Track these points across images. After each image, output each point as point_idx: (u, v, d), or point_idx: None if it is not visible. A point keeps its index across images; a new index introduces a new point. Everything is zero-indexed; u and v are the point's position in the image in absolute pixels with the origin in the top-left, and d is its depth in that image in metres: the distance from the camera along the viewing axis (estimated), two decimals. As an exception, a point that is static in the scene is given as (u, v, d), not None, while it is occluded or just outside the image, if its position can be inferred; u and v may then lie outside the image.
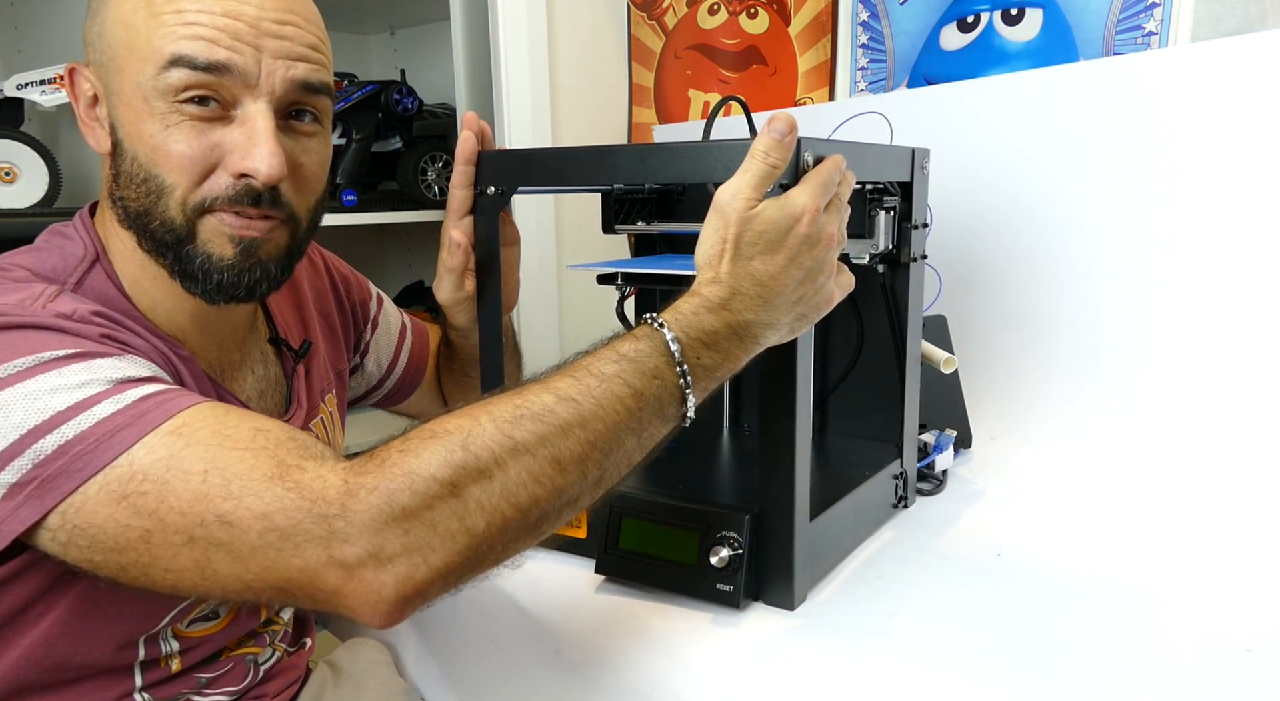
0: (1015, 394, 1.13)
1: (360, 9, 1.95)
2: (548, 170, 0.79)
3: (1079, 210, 1.09)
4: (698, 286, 0.64)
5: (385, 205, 1.70)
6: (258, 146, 0.66)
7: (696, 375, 0.61)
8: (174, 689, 0.75)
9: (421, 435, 0.55)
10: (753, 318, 0.63)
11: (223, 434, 0.56)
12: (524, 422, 0.55)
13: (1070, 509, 0.94)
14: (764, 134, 0.64)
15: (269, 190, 0.68)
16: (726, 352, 0.62)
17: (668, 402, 0.60)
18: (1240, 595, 0.74)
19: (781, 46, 1.46)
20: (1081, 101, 1.07)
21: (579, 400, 0.57)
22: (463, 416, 0.56)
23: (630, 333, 0.61)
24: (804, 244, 0.64)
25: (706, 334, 0.62)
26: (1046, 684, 0.62)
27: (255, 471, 0.54)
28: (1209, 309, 0.99)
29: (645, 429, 0.60)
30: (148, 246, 0.70)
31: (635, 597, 0.76)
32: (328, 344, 0.94)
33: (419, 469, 0.53)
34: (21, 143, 1.29)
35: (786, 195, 0.64)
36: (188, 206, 0.67)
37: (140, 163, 0.67)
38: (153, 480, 0.54)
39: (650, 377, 0.59)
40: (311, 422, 0.87)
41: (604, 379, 0.58)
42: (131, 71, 0.66)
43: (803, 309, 0.66)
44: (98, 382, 0.57)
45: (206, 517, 0.53)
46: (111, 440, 0.55)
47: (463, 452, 0.53)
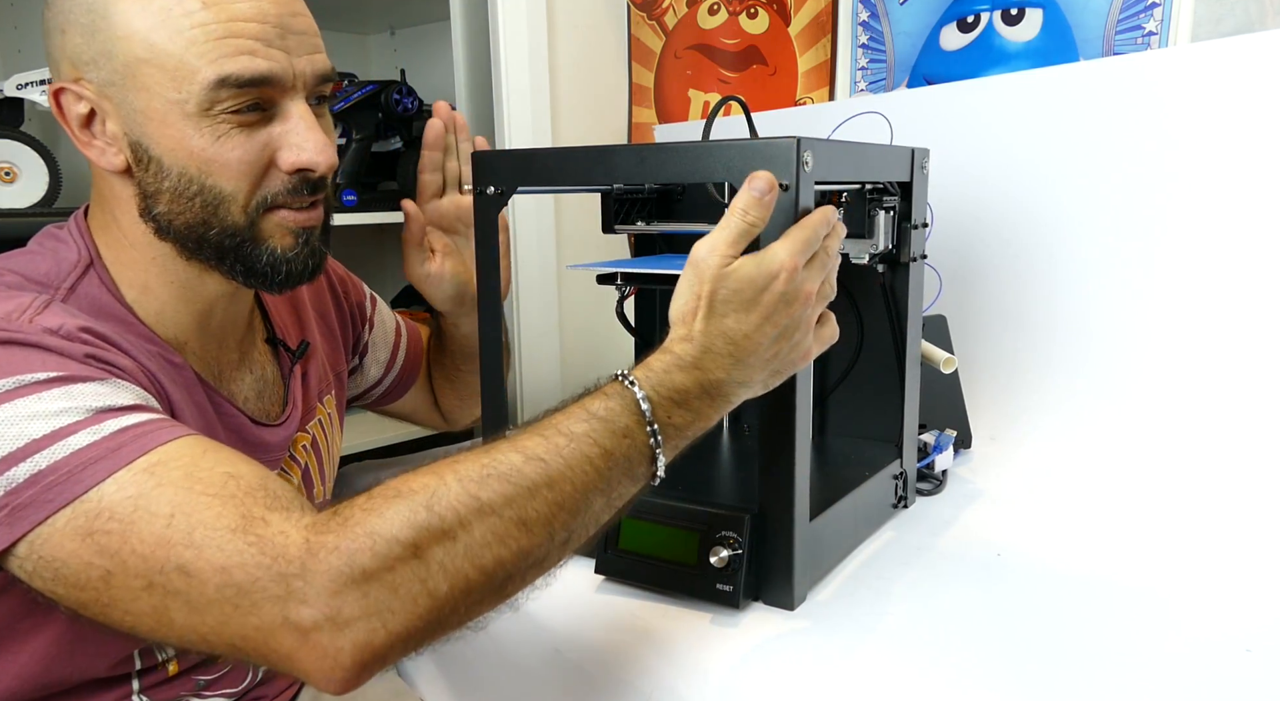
0: (1015, 394, 1.13)
1: (360, 9, 1.94)
2: (548, 170, 0.79)
3: (1079, 210, 1.08)
4: (670, 343, 0.63)
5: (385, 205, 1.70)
6: (310, 141, 0.69)
7: (667, 434, 0.60)
8: (172, 691, 0.75)
9: (386, 494, 0.54)
10: (724, 377, 0.62)
11: (195, 476, 0.55)
12: (490, 482, 0.54)
13: (1070, 509, 0.94)
14: (744, 192, 0.63)
15: (320, 178, 0.71)
16: (697, 411, 0.62)
17: (637, 462, 0.59)
18: (1240, 595, 0.74)
19: (781, 46, 1.46)
20: (1081, 101, 1.07)
21: (547, 460, 0.56)
22: (429, 475, 0.55)
23: (600, 390, 0.60)
24: (780, 302, 0.62)
25: (677, 392, 0.61)
26: (1046, 684, 0.62)
27: (220, 520, 0.53)
28: (1209, 309, 0.99)
29: (614, 489, 0.59)
30: (204, 254, 0.70)
31: (635, 597, 0.76)
32: (326, 345, 0.94)
33: (381, 529, 0.52)
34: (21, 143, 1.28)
35: (765, 252, 0.63)
36: (250, 209, 0.69)
37: (190, 176, 0.67)
38: (119, 519, 0.53)
39: (620, 437, 0.58)
40: (309, 424, 0.87)
41: (573, 438, 0.57)
42: (161, 89, 0.65)
43: (777, 365, 0.65)
44: (76, 410, 0.57)
45: (167, 564, 0.52)
46: (84, 472, 0.54)
47: (426, 513, 0.52)
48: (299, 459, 0.86)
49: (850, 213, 0.86)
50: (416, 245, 0.97)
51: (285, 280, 0.72)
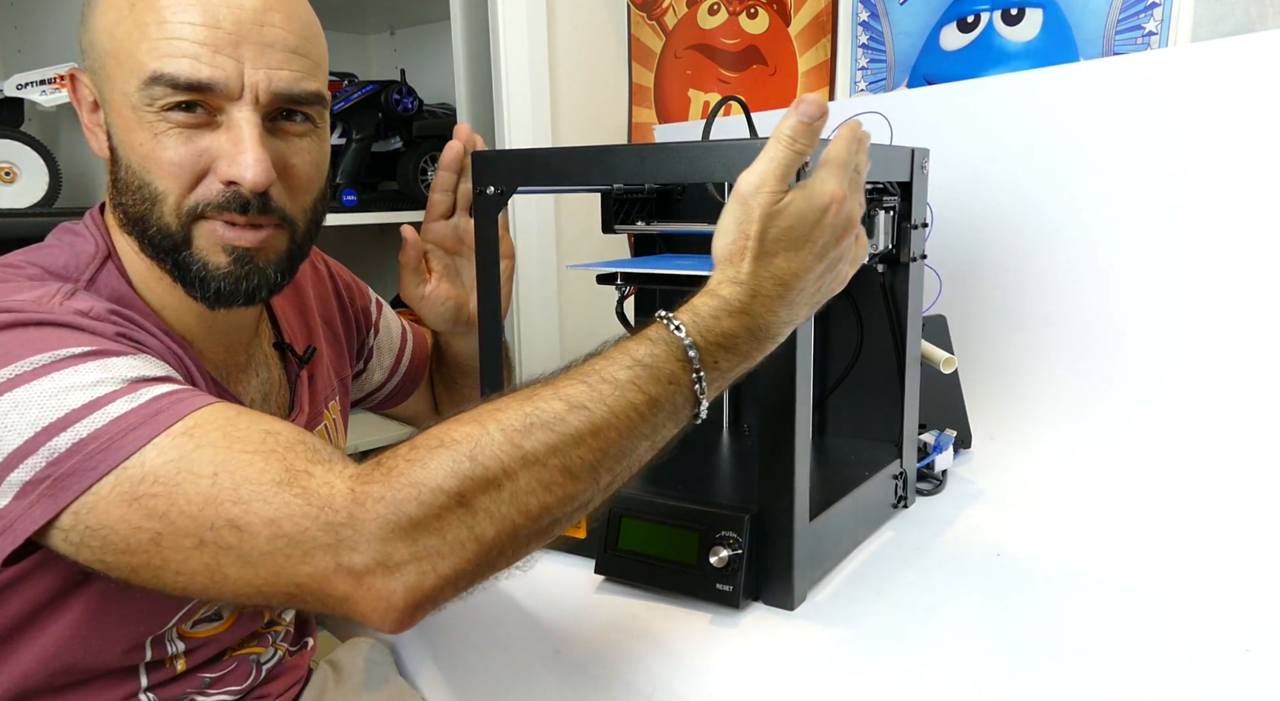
0: (1015, 394, 1.13)
1: (360, 9, 1.95)
2: (548, 170, 0.79)
3: (1079, 210, 1.09)
4: (716, 285, 0.61)
5: (385, 205, 1.70)
6: (243, 154, 0.66)
7: (713, 378, 0.59)
8: (179, 689, 0.76)
9: (429, 443, 0.54)
10: (773, 319, 0.61)
11: (233, 436, 0.55)
12: (534, 432, 0.54)
13: (1070, 509, 0.94)
14: (791, 116, 0.61)
15: (257, 197, 0.68)
16: (744, 354, 0.61)
17: (682, 405, 0.59)
18: (1240, 595, 0.74)
19: (781, 46, 1.46)
20: (1081, 101, 1.07)
21: (591, 408, 0.55)
22: (471, 423, 0.55)
23: (644, 334, 0.59)
24: (830, 235, 0.62)
25: (725, 337, 0.60)
26: (1046, 684, 0.62)
27: (264, 475, 0.53)
28: (1209, 308, 0.99)
29: (658, 432, 0.59)
30: (148, 251, 0.70)
31: (635, 597, 0.76)
32: (331, 350, 0.94)
33: (426, 479, 0.52)
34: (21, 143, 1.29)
35: (812, 184, 0.61)
36: (181, 212, 0.68)
37: (134, 170, 0.67)
38: (164, 481, 0.54)
39: (665, 383, 0.58)
40: (315, 429, 0.87)
41: (618, 385, 0.56)
42: (119, 81, 0.66)
43: (820, 297, 0.65)
44: (112, 380, 0.57)
45: (216, 521, 0.53)
46: (125, 439, 0.55)
47: (470, 463, 0.53)
48: None
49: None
50: (413, 269, 0.96)
51: (215, 297, 0.70)
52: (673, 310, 0.61)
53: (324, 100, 0.72)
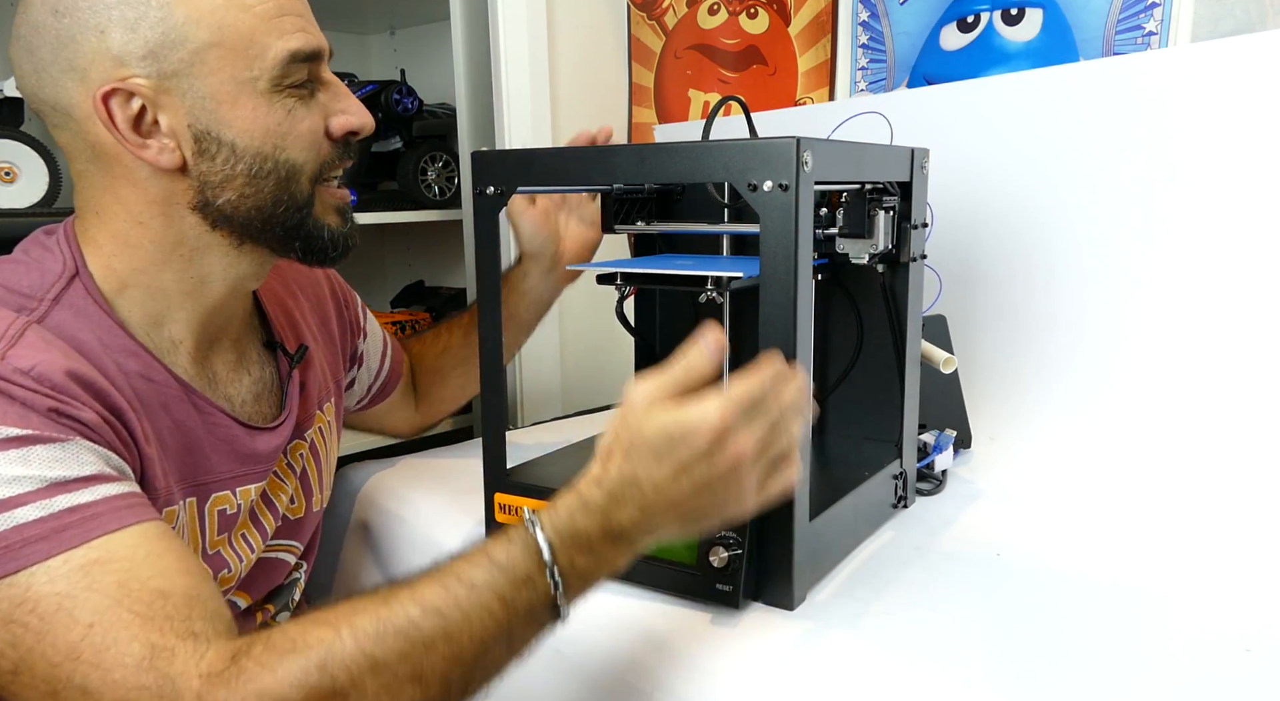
0: (1015, 394, 1.13)
1: (360, 9, 1.94)
2: (548, 170, 0.79)
3: (1079, 210, 1.08)
4: (580, 484, 0.61)
5: (385, 205, 1.70)
6: (353, 105, 0.74)
7: (569, 579, 0.58)
8: None
9: (283, 646, 0.53)
10: (630, 525, 0.59)
11: (127, 587, 0.55)
12: (386, 638, 0.54)
13: (1070, 509, 0.94)
14: (695, 344, 0.60)
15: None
16: (601, 556, 0.60)
17: (539, 609, 0.58)
18: (1240, 595, 0.74)
19: (781, 46, 1.46)
20: (1081, 101, 1.07)
21: (445, 612, 0.55)
22: (326, 627, 0.54)
23: (505, 533, 0.59)
24: (700, 458, 0.58)
25: (580, 536, 0.59)
26: (1046, 684, 0.62)
27: (131, 646, 0.53)
28: (1209, 309, 0.99)
29: (515, 637, 0.58)
30: (268, 236, 0.73)
31: (635, 597, 0.76)
32: (326, 353, 0.94)
33: (271, 689, 0.52)
34: (21, 143, 1.28)
35: (693, 404, 0.58)
36: (313, 179, 0.73)
37: (266, 154, 0.70)
38: (39, 615, 0.54)
39: (520, 585, 0.57)
40: (308, 431, 0.87)
41: (473, 587, 0.56)
42: (231, 69, 0.68)
43: (697, 516, 0.61)
44: (30, 480, 0.57)
45: (73, 679, 0.53)
46: (23, 550, 0.55)
47: (319, 674, 0.52)
48: (295, 466, 0.86)
49: (850, 213, 0.86)
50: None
51: (340, 254, 0.77)
52: (539, 511, 0.60)
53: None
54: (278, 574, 0.87)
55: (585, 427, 1.16)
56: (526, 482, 0.85)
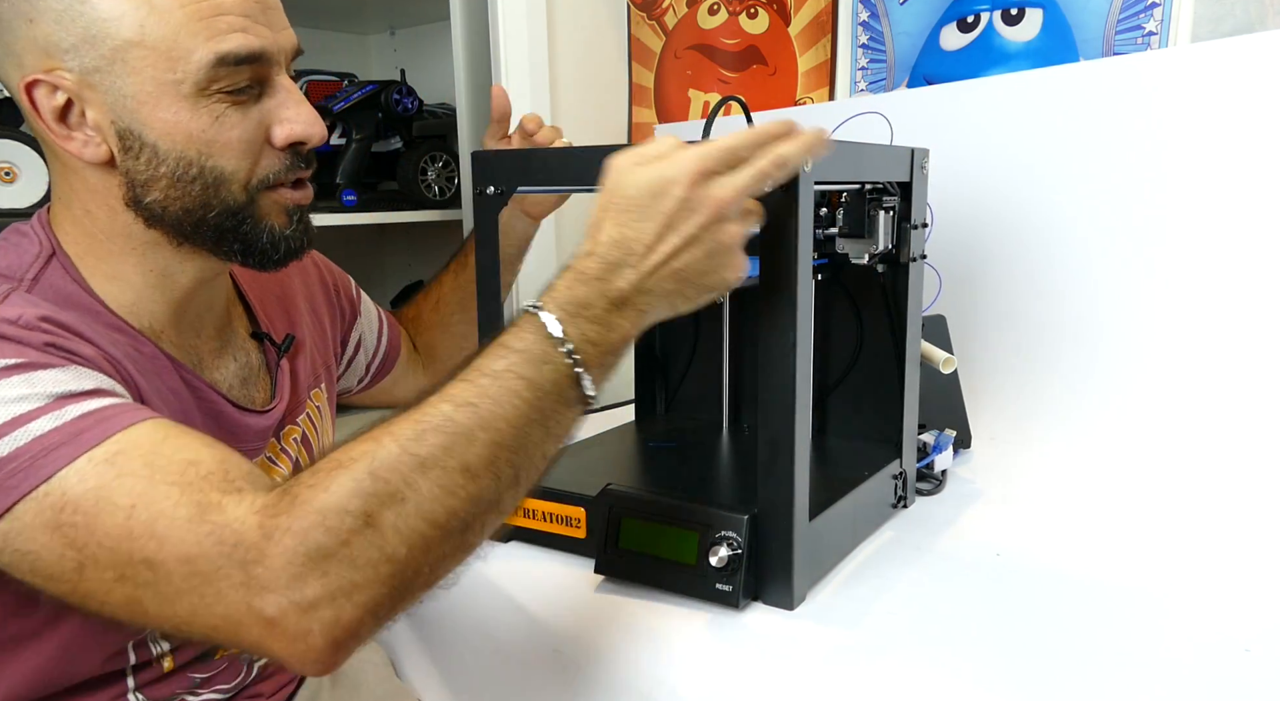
0: (1015, 394, 1.13)
1: (360, 9, 1.95)
2: (548, 170, 0.79)
3: (1079, 210, 1.09)
4: (575, 259, 0.61)
5: (385, 205, 1.70)
6: (302, 114, 0.69)
7: (584, 351, 0.58)
8: (167, 688, 0.75)
9: (328, 466, 0.53)
10: (624, 285, 0.59)
11: (155, 465, 0.55)
12: (426, 437, 0.54)
13: (1069, 509, 0.94)
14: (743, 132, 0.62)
15: (310, 151, 0.71)
16: (608, 323, 0.59)
17: (564, 385, 0.58)
18: (1240, 595, 0.74)
19: (781, 46, 1.46)
20: (1081, 101, 1.07)
21: (476, 403, 0.55)
22: (367, 441, 0.55)
23: (514, 322, 0.59)
24: (681, 210, 0.59)
25: (583, 307, 0.59)
26: (1046, 684, 0.62)
27: (179, 510, 0.53)
28: (1209, 308, 0.99)
29: (549, 417, 0.58)
30: (199, 238, 0.70)
31: (635, 597, 0.76)
32: (316, 339, 0.94)
33: (329, 504, 0.51)
34: (21, 143, 1.28)
35: (661, 158, 0.60)
36: (250, 187, 0.69)
37: (190, 159, 0.67)
38: (83, 511, 0.53)
39: (540, 363, 0.57)
40: (299, 417, 0.87)
41: (496, 376, 0.56)
42: (152, 71, 0.64)
43: (690, 277, 0.61)
44: (36, 397, 0.57)
45: (133, 557, 0.53)
46: (46, 458, 0.54)
47: (371, 480, 0.52)
48: (289, 451, 0.86)
49: (850, 213, 0.86)
50: (498, 120, 1.05)
51: (283, 258, 0.73)
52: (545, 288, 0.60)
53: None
54: None
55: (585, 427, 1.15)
56: (526, 482, 0.85)
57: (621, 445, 1.02)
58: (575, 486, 0.83)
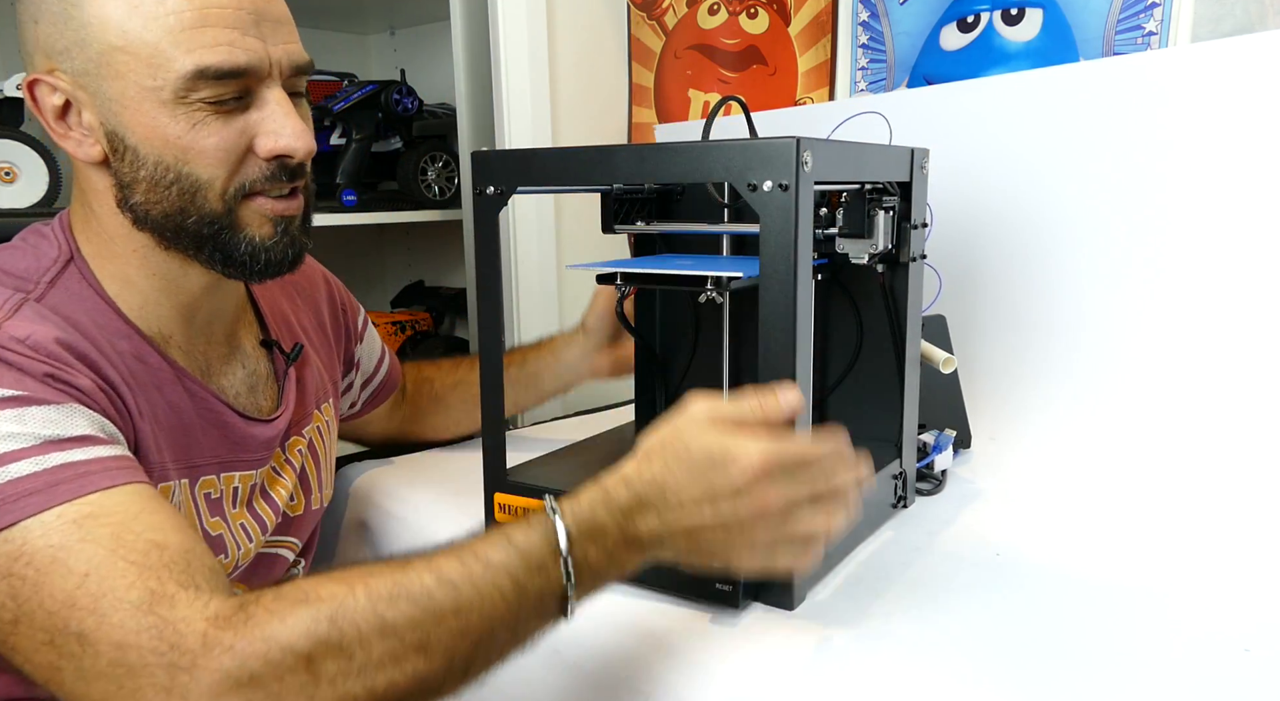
0: (1015, 394, 1.13)
1: (360, 9, 1.95)
2: (548, 170, 0.79)
3: (1079, 210, 1.08)
4: (608, 479, 0.61)
5: (385, 205, 1.70)
6: (287, 127, 0.68)
7: (581, 573, 0.58)
8: None
9: (294, 596, 0.53)
10: (645, 533, 0.60)
11: (121, 539, 0.55)
12: (399, 602, 0.53)
13: (1069, 509, 0.94)
14: (778, 394, 0.62)
15: (299, 164, 0.70)
16: (614, 557, 0.60)
17: (548, 598, 0.58)
18: (1240, 595, 0.74)
19: (781, 46, 1.46)
20: (1081, 101, 1.07)
21: (459, 585, 0.55)
22: (340, 584, 0.54)
23: (525, 518, 0.59)
24: (730, 492, 0.58)
25: (598, 532, 0.59)
26: (1046, 684, 0.62)
27: (129, 593, 0.52)
28: (1209, 309, 0.99)
29: (521, 624, 0.58)
30: (180, 244, 0.70)
31: (635, 597, 0.76)
32: (323, 354, 0.94)
33: (280, 635, 0.51)
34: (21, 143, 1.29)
35: (741, 436, 0.59)
36: (228, 195, 0.69)
37: (167, 165, 0.67)
38: (36, 567, 0.53)
39: (534, 571, 0.57)
40: (305, 428, 0.88)
41: (489, 566, 0.56)
42: (136, 76, 0.65)
43: (705, 552, 0.61)
44: (24, 437, 0.57)
45: (69, 627, 0.52)
46: (17, 503, 0.55)
47: (328, 625, 0.52)
48: (294, 462, 0.87)
49: (850, 213, 0.86)
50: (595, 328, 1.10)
51: (264, 269, 0.72)
52: (562, 498, 0.60)
53: (313, 67, 0.75)
54: (276, 569, 0.87)
55: (585, 428, 1.16)
56: (526, 483, 0.85)
57: (621, 445, 1.02)
58: (575, 486, 0.83)
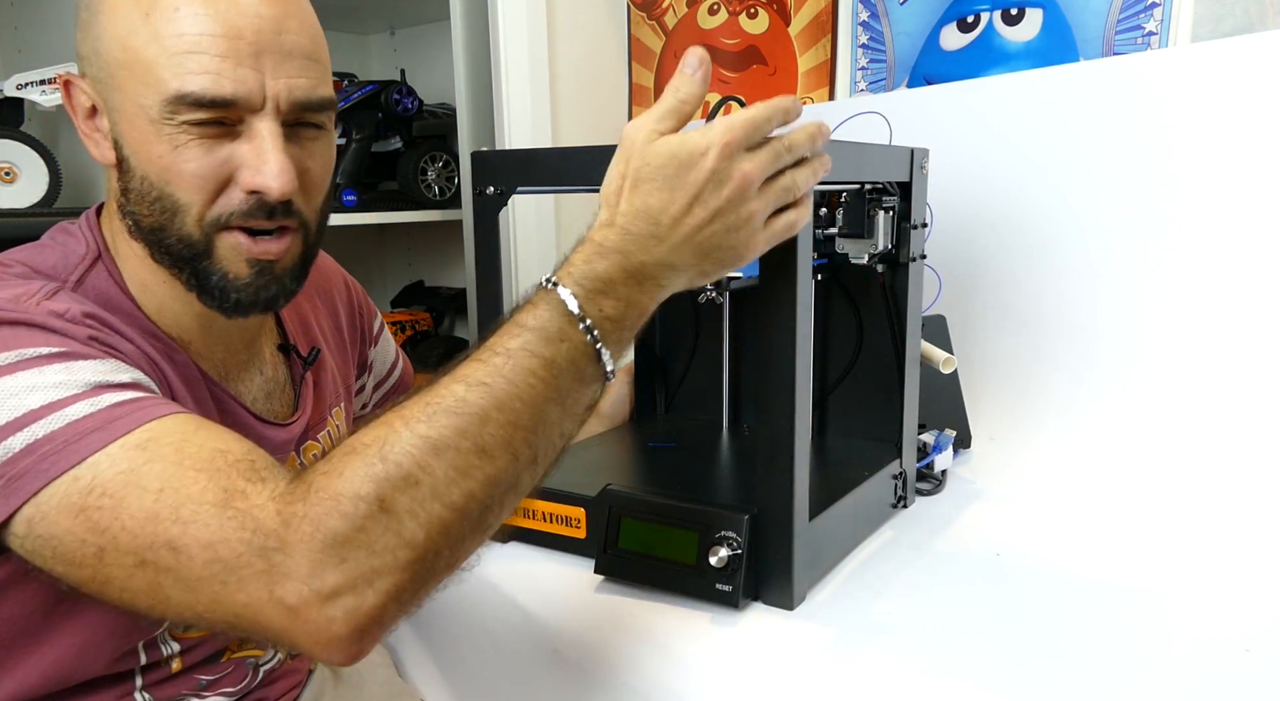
0: (1015, 394, 1.13)
1: (360, 9, 1.95)
2: (548, 170, 0.79)
3: (1079, 210, 1.09)
4: (592, 231, 0.60)
5: (385, 205, 1.70)
6: (267, 164, 0.66)
7: (603, 328, 0.58)
8: (174, 689, 0.75)
9: (342, 452, 0.53)
10: (648, 259, 0.59)
11: (185, 452, 0.55)
12: (438, 418, 0.53)
13: (1069, 509, 0.94)
14: (678, 71, 0.61)
15: (281, 203, 0.68)
16: (627, 298, 0.59)
17: (582, 363, 0.57)
18: (1240, 595, 0.74)
19: (781, 46, 1.46)
20: (1081, 101, 1.07)
21: (490, 383, 0.54)
22: (379, 425, 0.54)
23: (530, 298, 0.58)
24: (709, 182, 0.58)
25: (602, 281, 0.58)
26: (1046, 684, 0.62)
27: (205, 495, 0.53)
28: (1209, 308, 0.99)
29: (567, 396, 0.57)
30: (164, 260, 0.70)
31: (635, 597, 0.76)
32: (338, 358, 0.94)
33: (343, 489, 0.51)
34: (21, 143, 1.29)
35: (694, 131, 0.59)
36: (204, 223, 0.68)
37: (151, 181, 0.67)
38: (110, 494, 0.53)
39: (556, 341, 0.56)
40: (319, 433, 0.88)
41: (510, 354, 0.55)
42: (132, 92, 0.65)
43: (710, 250, 0.61)
44: (74, 384, 0.57)
45: (156, 540, 0.52)
46: (79, 443, 0.55)
47: (382, 464, 0.52)
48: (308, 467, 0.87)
49: (850, 213, 0.86)
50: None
51: (234, 307, 0.70)
52: (559, 266, 0.59)
53: (334, 104, 0.73)
54: None
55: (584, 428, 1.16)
56: (526, 482, 0.85)
57: (621, 445, 1.02)
58: (575, 486, 0.83)
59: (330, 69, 0.73)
